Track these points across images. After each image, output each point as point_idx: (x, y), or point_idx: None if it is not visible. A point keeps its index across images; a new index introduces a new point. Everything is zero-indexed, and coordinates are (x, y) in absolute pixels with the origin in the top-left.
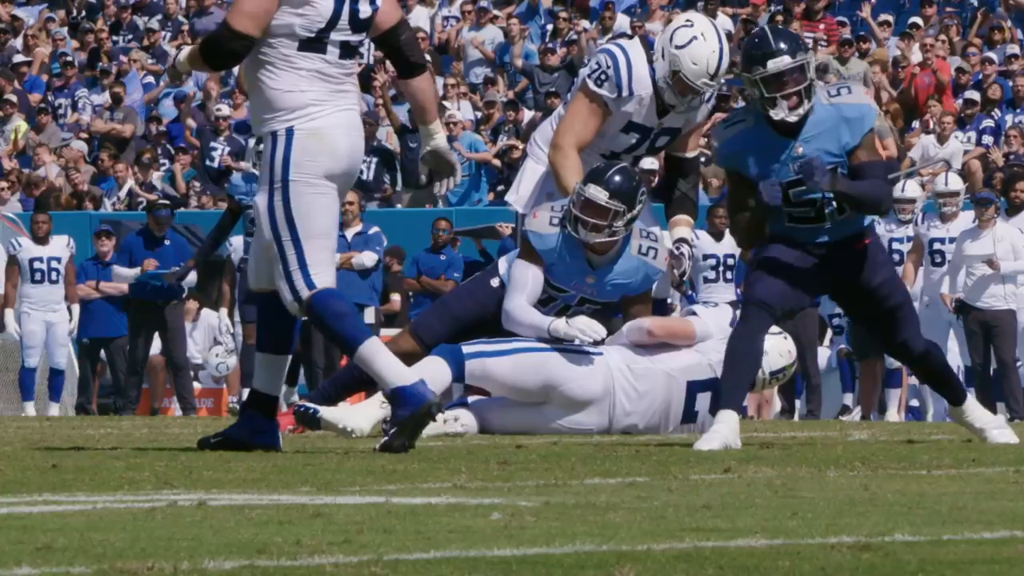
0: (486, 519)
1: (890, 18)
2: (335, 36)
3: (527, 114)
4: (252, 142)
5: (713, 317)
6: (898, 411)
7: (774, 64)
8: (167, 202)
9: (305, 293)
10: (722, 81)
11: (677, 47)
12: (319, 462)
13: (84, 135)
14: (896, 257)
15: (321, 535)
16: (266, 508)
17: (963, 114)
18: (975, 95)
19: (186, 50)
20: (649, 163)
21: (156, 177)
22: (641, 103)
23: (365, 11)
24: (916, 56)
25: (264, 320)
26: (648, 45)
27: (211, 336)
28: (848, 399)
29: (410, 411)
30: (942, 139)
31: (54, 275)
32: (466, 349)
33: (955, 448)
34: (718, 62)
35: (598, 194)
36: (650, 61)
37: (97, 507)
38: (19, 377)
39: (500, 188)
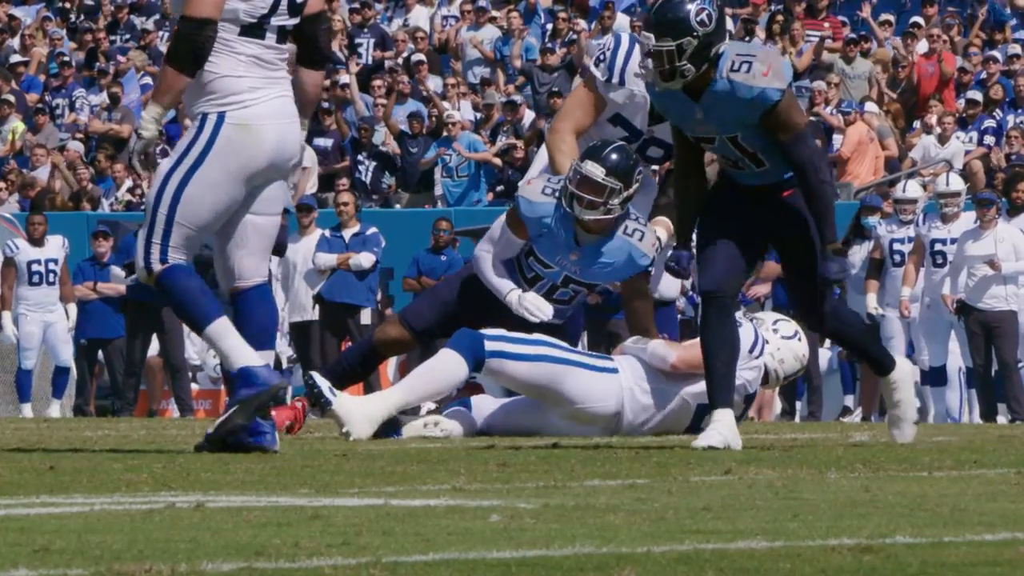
0: (485, 521)
1: (891, 18)
2: (275, 21)
3: (526, 113)
4: None
5: None
6: None
7: (643, 36)
8: None
9: (157, 267)
10: None
11: None
12: (318, 464)
13: (81, 135)
14: (897, 258)
15: (320, 537)
16: (264, 510)
17: (965, 114)
18: (977, 95)
19: (148, 106)
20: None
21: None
22: (632, 98)
23: None
24: (922, 47)
25: (241, 319)
26: None
27: None
28: (849, 400)
29: (254, 391)
30: (943, 139)
31: (51, 276)
32: (488, 345)
33: (956, 449)
34: None
35: (595, 171)
36: None
37: (95, 509)
38: (16, 379)
39: (500, 188)
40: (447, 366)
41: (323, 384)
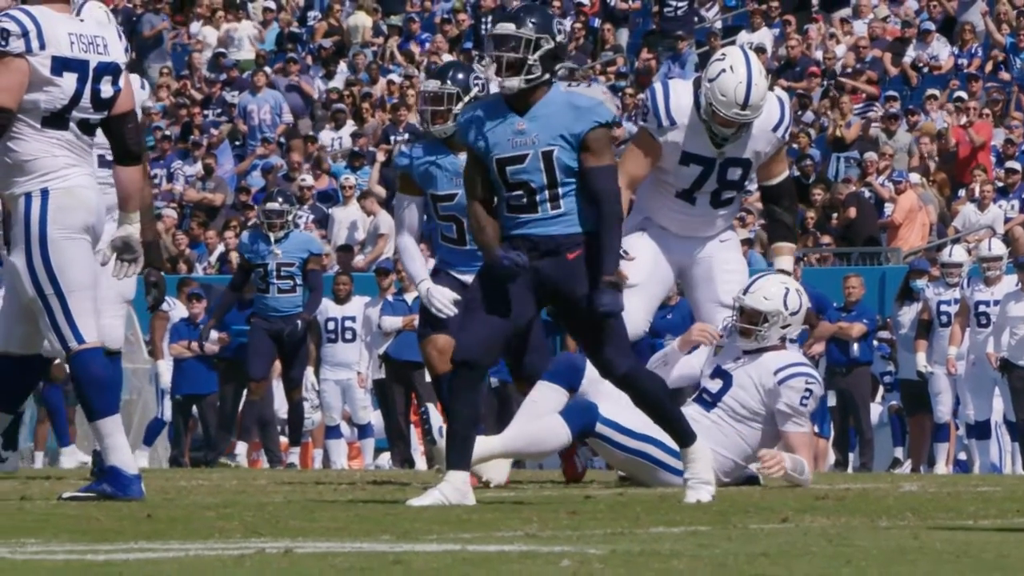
0: (556, 566)
1: (936, 92)
2: (76, 114)
3: None
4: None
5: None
6: (946, 464)
7: (497, 27)
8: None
9: (74, 346)
10: (759, 112)
11: (709, 80)
12: (398, 512)
13: (175, 204)
14: (944, 319)
15: None
16: (348, 555)
17: (1005, 182)
18: (1016, 165)
19: None
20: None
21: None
22: (688, 131)
23: (107, 91)
24: (962, 120)
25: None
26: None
27: None
28: (899, 452)
29: (110, 492)
30: (983, 206)
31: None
32: (598, 428)
33: (1000, 499)
34: (746, 93)
35: (430, 84)
36: (696, 89)
37: (189, 555)
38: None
39: None
40: (553, 432)
41: (435, 422)
